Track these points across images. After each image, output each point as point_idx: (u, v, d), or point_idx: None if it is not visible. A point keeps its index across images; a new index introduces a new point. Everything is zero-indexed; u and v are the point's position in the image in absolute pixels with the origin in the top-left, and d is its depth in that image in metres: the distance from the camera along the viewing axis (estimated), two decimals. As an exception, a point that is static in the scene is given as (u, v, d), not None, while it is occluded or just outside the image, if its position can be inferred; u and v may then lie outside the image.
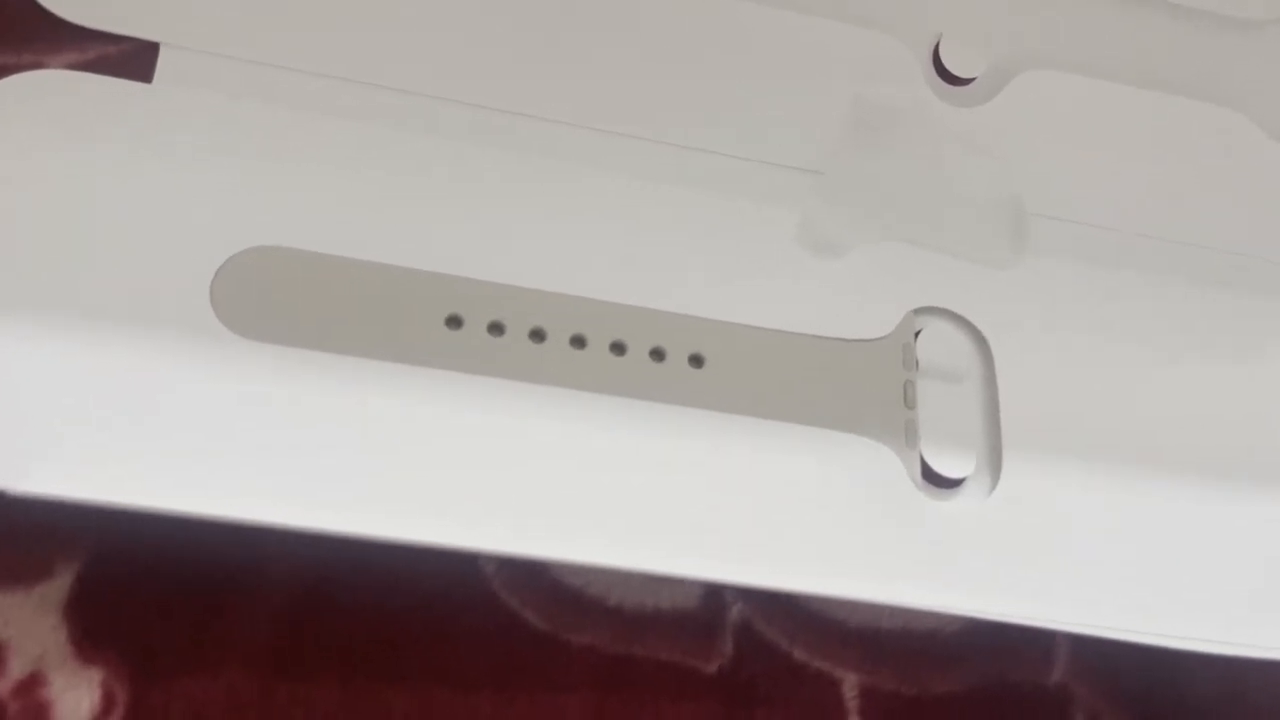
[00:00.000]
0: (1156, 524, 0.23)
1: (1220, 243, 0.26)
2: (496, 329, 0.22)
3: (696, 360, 0.23)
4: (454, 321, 0.22)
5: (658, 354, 0.23)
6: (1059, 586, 0.23)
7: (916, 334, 0.24)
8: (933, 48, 0.25)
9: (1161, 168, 0.26)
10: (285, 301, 0.21)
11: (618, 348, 0.23)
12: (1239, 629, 0.23)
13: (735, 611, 0.23)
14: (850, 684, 0.23)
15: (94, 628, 0.20)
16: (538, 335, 0.22)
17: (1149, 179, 0.26)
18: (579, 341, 0.22)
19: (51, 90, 0.22)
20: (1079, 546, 0.23)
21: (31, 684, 0.19)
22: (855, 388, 0.23)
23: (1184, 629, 0.22)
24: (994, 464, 0.23)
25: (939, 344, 0.24)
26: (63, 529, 0.20)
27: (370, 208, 0.22)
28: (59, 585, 0.20)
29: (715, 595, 0.23)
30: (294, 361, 0.21)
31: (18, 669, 0.19)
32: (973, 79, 0.25)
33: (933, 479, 0.23)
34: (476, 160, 0.23)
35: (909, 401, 0.23)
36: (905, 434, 0.23)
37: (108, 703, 0.19)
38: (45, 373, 0.19)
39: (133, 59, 0.22)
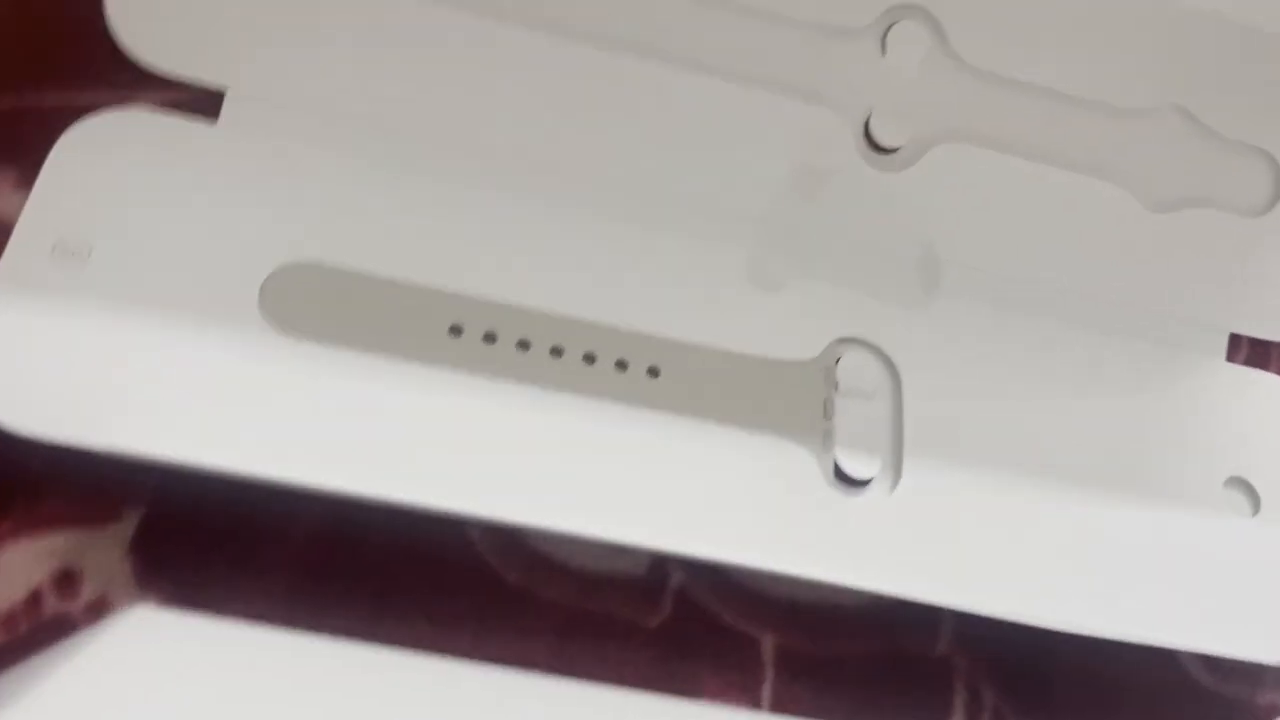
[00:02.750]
0: (1031, 521, 0.27)
1: (1104, 294, 0.31)
2: (490, 338, 0.27)
3: (654, 371, 0.27)
4: (455, 330, 0.26)
5: (621, 365, 0.27)
6: (946, 571, 0.27)
7: (838, 360, 0.29)
8: (864, 121, 0.30)
9: (1055, 228, 0.31)
10: (320, 309, 0.26)
11: (589, 358, 0.27)
12: (1097, 614, 0.27)
13: (675, 579, 0.27)
14: (768, 643, 0.26)
15: (153, 561, 0.24)
16: (523, 345, 0.27)
17: (1043, 236, 0.31)
18: (557, 351, 0.27)
19: (134, 124, 0.26)
20: (965, 538, 0.27)
21: (99, 605, 0.24)
22: (784, 400, 0.28)
23: (1050, 612, 0.27)
24: (896, 467, 0.28)
25: (856, 368, 0.29)
26: (130, 481, 0.24)
27: (397, 233, 0.27)
28: (125, 526, 0.24)
29: (659, 564, 0.27)
30: (323, 357, 0.25)
31: (89, 593, 0.24)
32: (898, 148, 0.30)
33: (844, 479, 0.27)
34: (484, 201, 0.28)
35: (827, 414, 0.28)
36: (823, 440, 0.28)
37: (162, 622, 0.24)
38: (123, 359, 0.24)
39: (203, 103, 0.27)
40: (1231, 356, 0.32)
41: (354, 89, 0.27)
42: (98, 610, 0.23)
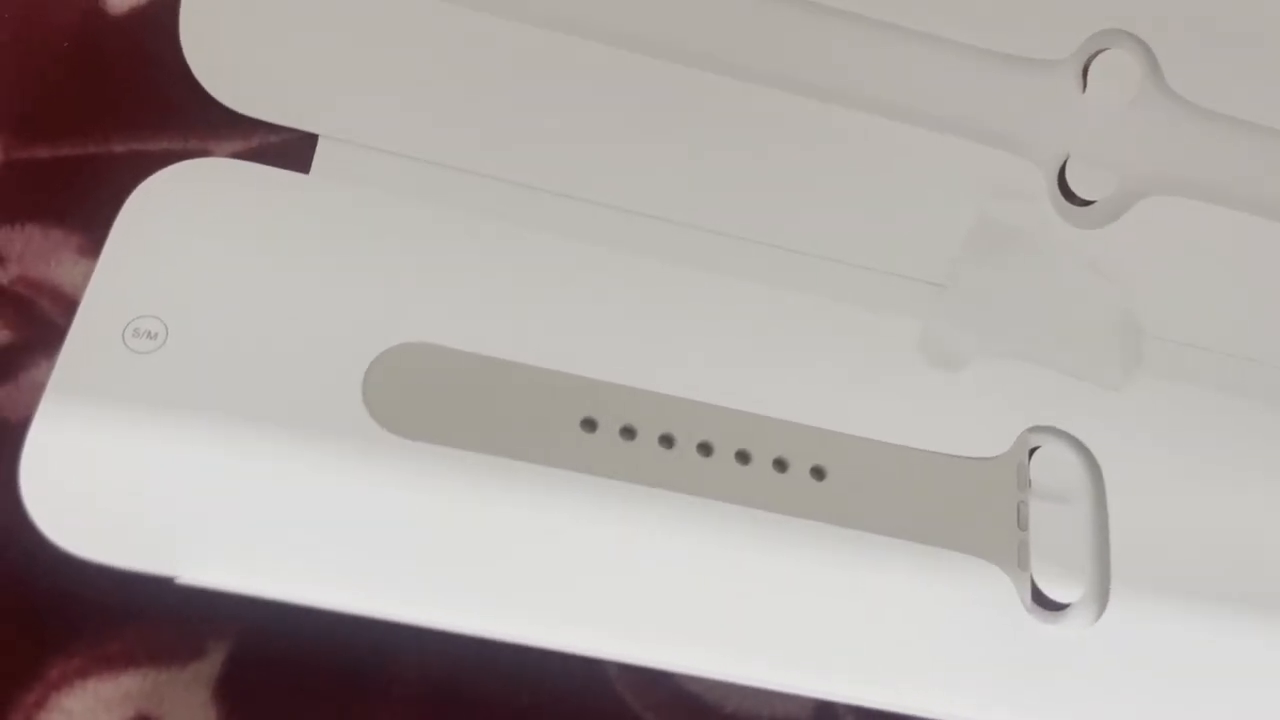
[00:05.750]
0: (1257, 665, 0.23)
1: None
2: (628, 433, 0.23)
3: (818, 472, 0.23)
4: (589, 424, 0.23)
5: (781, 464, 0.23)
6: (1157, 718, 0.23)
7: (1031, 452, 0.24)
8: (1059, 169, 0.25)
9: (1277, 296, 0.26)
10: (432, 399, 0.22)
11: (742, 456, 0.23)
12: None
13: (845, 723, 0.23)
14: (952, 799, 0.23)
15: (241, 707, 0.20)
16: (667, 441, 0.23)
17: (1265, 307, 0.26)
18: (705, 449, 0.23)
19: (215, 177, 0.23)
20: (1178, 680, 0.23)
21: (181, 760, 0.20)
22: (971, 507, 0.24)
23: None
24: (1101, 591, 0.23)
25: (1052, 464, 0.25)
26: (215, 612, 0.21)
27: (515, 307, 0.23)
28: (210, 665, 0.21)
29: (827, 705, 0.23)
30: (439, 460, 0.21)
31: (168, 744, 0.20)
32: (1095, 201, 0.26)
33: (1041, 602, 0.23)
34: (619, 266, 0.24)
35: (1022, 523, 0.24)
36: (1017, 556, 0.23)
37: (251, 782, 0.20)
38: (206, 469, 0.20)
39: (294, 148, 0.23)
40: None
41: (472, 132, 0.23)
42: (177, 766, 0.20)
